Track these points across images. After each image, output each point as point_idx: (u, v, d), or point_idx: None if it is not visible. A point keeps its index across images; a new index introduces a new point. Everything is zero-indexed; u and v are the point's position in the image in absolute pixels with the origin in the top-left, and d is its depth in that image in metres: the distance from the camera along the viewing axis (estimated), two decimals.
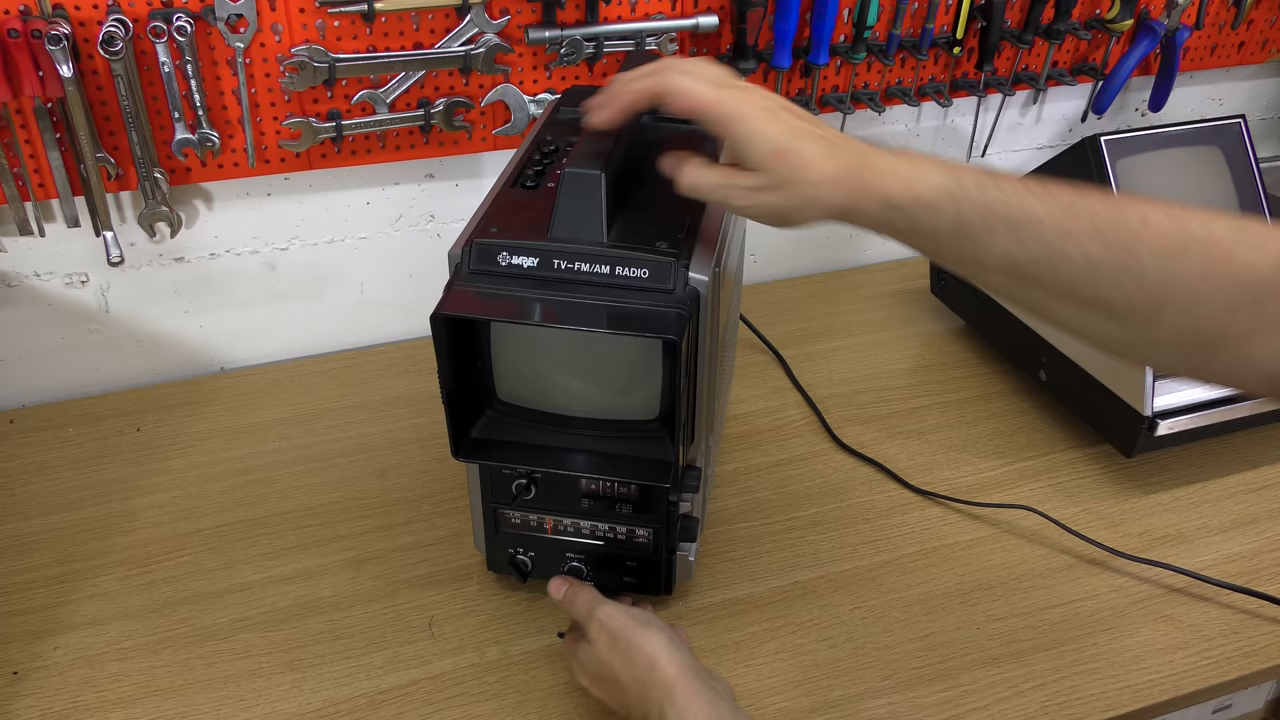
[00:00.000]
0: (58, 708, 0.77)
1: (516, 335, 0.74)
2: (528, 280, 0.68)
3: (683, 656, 0.69)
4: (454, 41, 1.01)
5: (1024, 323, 1.08)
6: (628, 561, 0.82)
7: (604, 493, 0.79)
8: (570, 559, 0.83)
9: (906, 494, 0.99)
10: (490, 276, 0.68)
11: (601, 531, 0.81)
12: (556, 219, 0.68)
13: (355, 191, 1.12)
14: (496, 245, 0.68)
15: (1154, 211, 0.57)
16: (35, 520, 0.94)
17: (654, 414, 0.75)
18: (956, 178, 0.60)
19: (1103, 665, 0.81)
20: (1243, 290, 0.55)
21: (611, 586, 0.82)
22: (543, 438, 0.76)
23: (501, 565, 0.85)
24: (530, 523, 0.82)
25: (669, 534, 0.80)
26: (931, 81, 1.24)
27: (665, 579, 0.83)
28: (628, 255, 0.67)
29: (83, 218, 1.00)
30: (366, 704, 0.78)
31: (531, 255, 0.68)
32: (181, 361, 1.15)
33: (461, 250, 0.69)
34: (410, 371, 1.15)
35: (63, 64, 0.87)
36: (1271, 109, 1.53)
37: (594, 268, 0.67)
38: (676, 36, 1.08)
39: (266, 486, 0.98)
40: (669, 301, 0.67)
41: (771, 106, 0.63)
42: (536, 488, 0.79)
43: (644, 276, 0.67)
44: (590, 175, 0.66)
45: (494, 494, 0.81)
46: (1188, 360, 0.58)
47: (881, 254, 1.41)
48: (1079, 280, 0.58)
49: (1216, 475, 1.01)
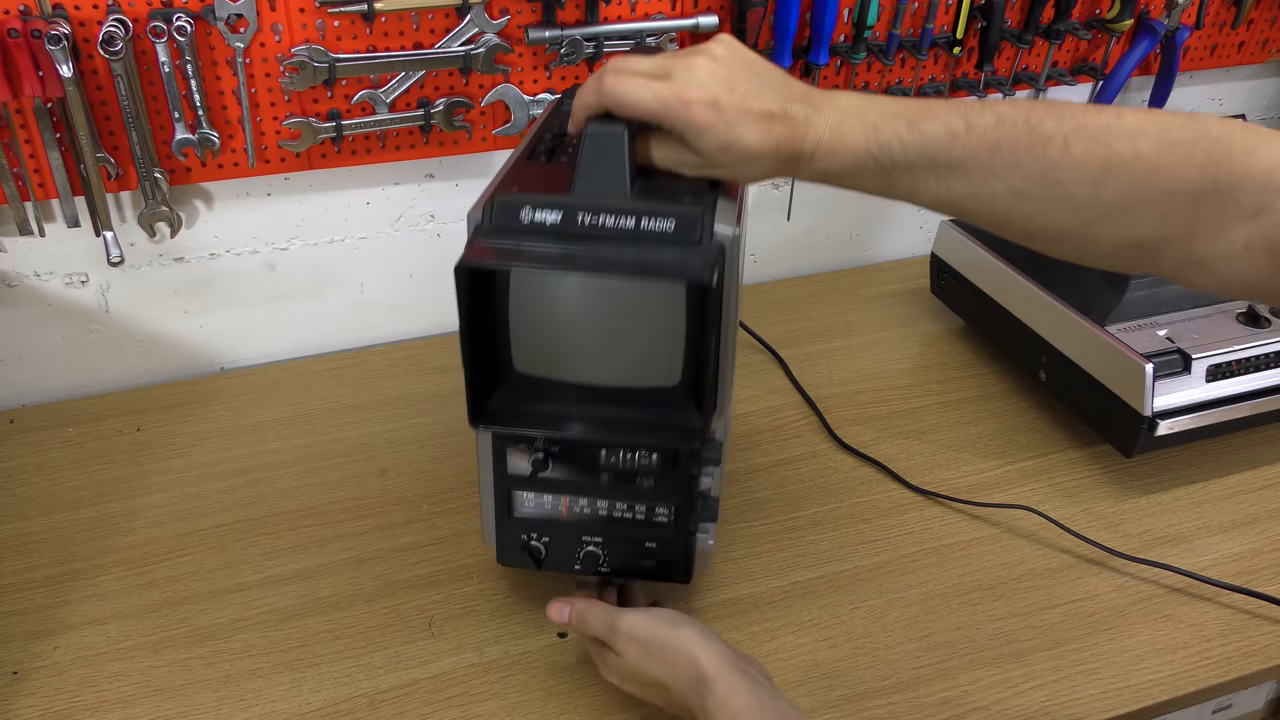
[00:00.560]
0: (58, 708, 0.77)
1: (536, 297, 0.72)
2: (551, 235, 0.66)
3: (717, 647, 0.69)
4: (454, 41, 1.01)
5: (1024, 323, 1.08)
6: (647, 543, 0.79)
7: (624, 466, 0.76)
8: (586, 543, 0.79)
9: (906, 494, 0.99)
10: (512, 233, 0.67)
11: (620, 511, 0.78)
12: (580, 175, 0.67)
13: (355, 191, 1.12)
14: (519, 201, 0.66)
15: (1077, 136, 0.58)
16: (35, 520, 0.94)
17: (675, 380, 0.73)
18: (877, 135, 0.62)
19: (1103, 665, 0.81)
20: (1174, 199, 0.56)
21: (629, 572, 0.79)
22: (561, 409, 0.74)
23: (513, 555, 0.81)
24: (545, 505, 0.79)
25: (690, 512, 0.77)
26: (931, 81, 1.24)
27: (685, 563, 0.79)
28: (653, 208, 0.66)
29: (83, 218, 1.00)
30: (366, 704, 0.78)
31: (555, 210, 0.66)
32: (181, 361, 1.15)
33: (482, 209, 0.67)
34: (410, 371, 1.15)
35: (63, 64, 0.87)
36: (1271, 109, 1.53)
37: (619, 221, 0.66)
38: (676, 36, 1.08)
39: (266, 486, 0.98)
40: (696, 253, 0.66)
41: (709, 93, 0.63)
42: (554, 462, 0.76)
43: (669, 229, 0.66)
44: (614, 132, 0.66)
45: (508, 473, 0.77)
46: (1132, 263, 0.60)
47: (881, 254, 1.41)
48: (1011, 213, 0.60)
49: (1216, 475, 1.01)
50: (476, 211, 0.68)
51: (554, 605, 0.77)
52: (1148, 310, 1.00)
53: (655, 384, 0.74)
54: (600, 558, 0.79)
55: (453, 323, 0.70)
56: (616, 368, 0.74)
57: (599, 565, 0.79)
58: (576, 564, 0.80)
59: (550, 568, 0.80)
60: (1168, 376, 0.95)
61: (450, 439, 1.05)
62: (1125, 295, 1.00)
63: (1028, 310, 1.08)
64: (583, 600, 0.77)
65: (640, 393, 0.74)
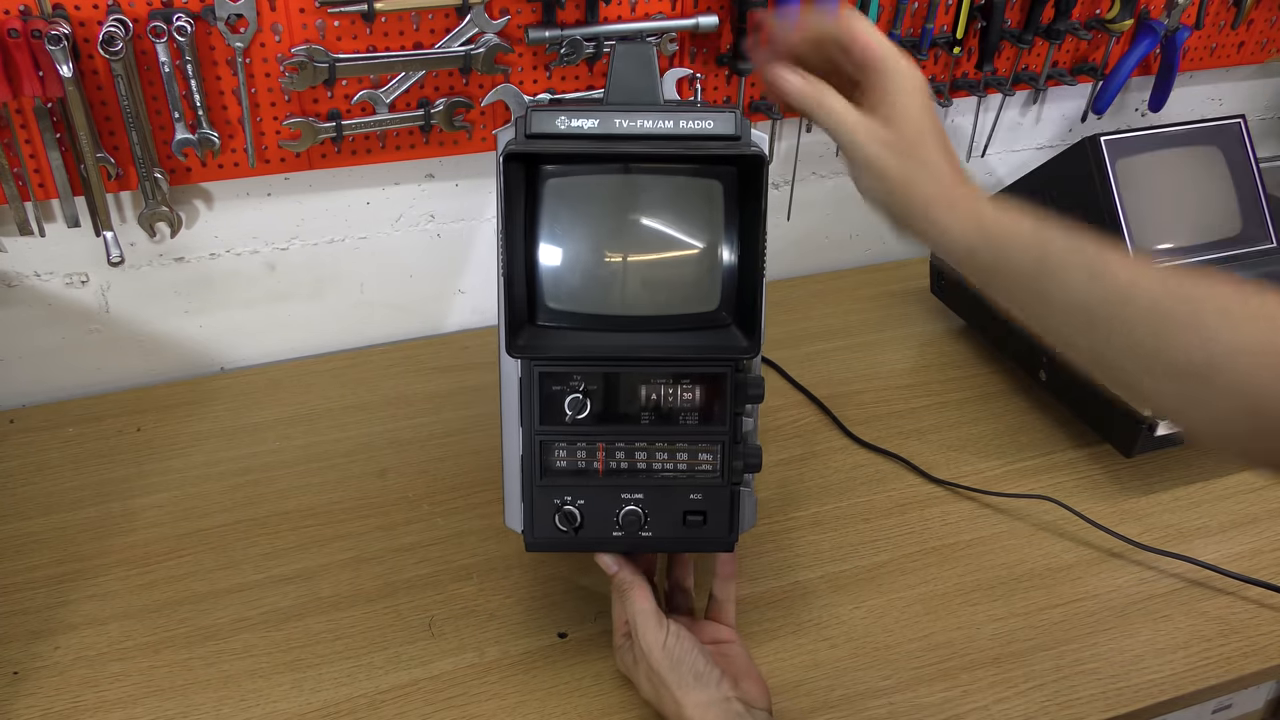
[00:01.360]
0: (58, 708, 0.77)
1: (572, 212, 0.70)
2: (589, 140, 0.66)
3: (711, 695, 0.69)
4: (454, 41, 1.01)
5: (1024, 323, 1.08)
6: (691, 495, 0.74)
7: (666, 402, 0.72)
8: (625, 501, 0.74)
9: (906, 494, 0.99)
10: (549, 139, 0.66)
11: (661, 461, 0.74)
12: (611, 87, 0.67)
13: (355, 191, 1.12)
14: (554, 112, 0.66)
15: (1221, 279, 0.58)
16: (35, 520, 0.94)
17: (714, 304, 0.71)
18: (1042, 220, 0.65)
19: (1102, 665, 0.81)
20: None
21: (671, 540, 0.76)
22: (598, 339, 0.71)
23: (546, 528, 0.75)
24: (579, 463, 0.73)
25: (735, 455, 0.73)
26: (931, 81, 1.24)
27: (731, 520, 0.75)
28: (690, 110, 0.66)
29: (83, 218, 1.00)
30: (366, 704, 0.78)
31: (591, 117, 0.66)
32: (181, 361, 1.15)
33: (515, 120, 0.66)
34: (410, 371, 1.15)
35: (63, 64, 0.87)
36: (1271, 109, 1.53)
37: (657, 123, 0.66)
38: (676, 36, 1.08)
39: (266, 486, 0.98)
40: (739, 146, 0.66)
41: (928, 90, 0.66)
42: (592, 403, 0.72)
43: (709, 127, 0.66)
44: (643, 46, 0.66)
45: (543, 418, 0.72)
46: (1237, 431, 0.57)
47: (881, 254, 1.41)
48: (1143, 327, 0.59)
49: (1216, 475, 1.01)
50: (505, 129, 0.67)
51: (606, 557, 0.75)
52: None
53: (694, 309, 0.72)
54: (642, 518, 0.74)
55: (452, 323, 0.69)
56: (653, 293, 0.72)
57: (640, 528, 0.74)
58: (616, 528, 0.74)
59: (588, 536, 0.75)
60: None
61: (450, 439, 1.05)
62: None
63: None
64: (633, 573, 0.75)
65: (680, 320, 0.72)
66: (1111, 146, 1.03)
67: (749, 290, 0.68)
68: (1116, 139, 1.03)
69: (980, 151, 1.37)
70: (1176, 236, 1.05)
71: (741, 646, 0.77)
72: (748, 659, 0.76)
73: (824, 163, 1.30)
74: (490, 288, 1.21)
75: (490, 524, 0.94)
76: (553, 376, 0.71)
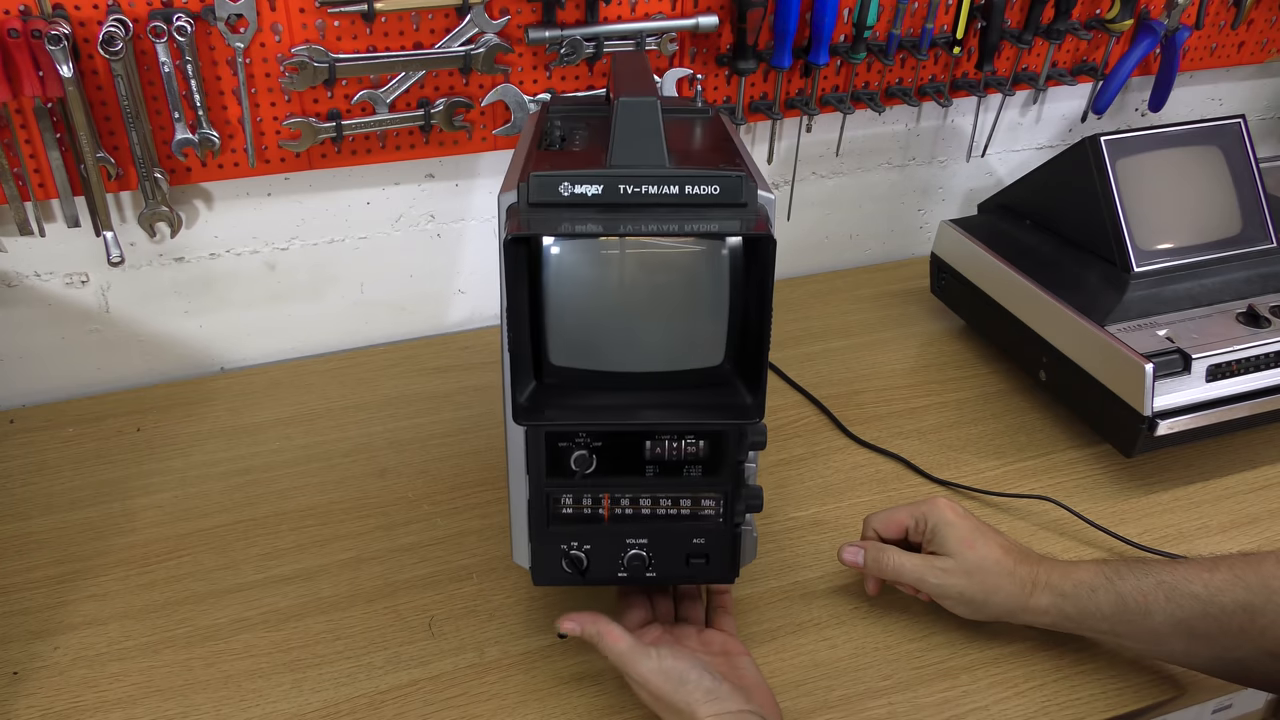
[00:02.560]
0: (58, 708, 0.77)
1: (577, 276, 0.69)
2: (593, 208, 0.65)
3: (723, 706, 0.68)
4: (454, 41, 1.01)
5: (1024, 323, 1.08)
6: (694, 539, 0.75)
7: (671, 455, 0.73)
8: (630, 546, 0.75)
9: (906, 494, 0.99)
10: (552, 208, 0.65)
11: (665, 507, 0.75)
12: (615, 147, 0.65)
13: (355, 191, 1.12)
14: (556, 177, 0.64)
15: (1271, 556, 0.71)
16: (35, 520, 0.94)
17: (718, 359, 0.71)
18: (1108, 563, 0.77)
19: (1103, 665, 0.81)
20: None
21: (675, 576, 0.77)
22: (603, 399, 0.71)
23: (553, 569, 0.76)
24: (585, 510, 0.75)
25: (738, 500, 0.74)
26: (931, 81, 1.24)
27: (732, 558, 0.77)
28: (695, 174, 0.65)
29: (83, 218, 1.00)
30: (366, 704, 0.78)
31: (595, 183, 0.64)
32: (181, 361, 1.15)
33: (518, 187, 0.65)
34: (410, 371, 1.15)
35: (63, 64, 0.87)
36: (1271, 109, 1.53)
37: (662, 189, 0.65)
38: (676, 36, 1.08)
39: (266, 486, 0.98)
40: (744, 213, 0.65)
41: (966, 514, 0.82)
42: (598, 458, 0.72)
43: (715, 193, 0.65)
44: (646, 102, 0.65)
45: (550, 473, 0.73)
46: None
47: (881, 254, 1.42)
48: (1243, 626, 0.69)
49: (1216, 475, 1.01)
50: (508, 194, 0.66)
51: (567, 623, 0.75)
52: (1148, 310, 1.00)
53: (699, 365, 0.72)
54: (646, 561, 0.76)
55: (452, 323, 0.69)
56: (659, 351, 0.72)
57: (645, 570, 0.76)
58: (622, 570, 0.76)
59: (594, 578, 0.77)
60: (1168, 376, 0.95)
61: (450, 439, 1.05)
62: (1125, 295, 1.00)
63: (1028, 310, 1.08)
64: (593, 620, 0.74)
65: (684, 376, 0.72)
66: (1111, 146, 1.03)
67: (757, 353, 0.69)
68: (1116, 139, 1.03)
69: (980, 151, 1.37)
70: (1176, 236, 1.05)
71: (750, 660, 0.77)
72: (757, 673, 0.76)
73: (824, 163, 1.30)
74: (490, 288, 1.21)
75: (490, 524, 0.94)
76: (559, 435, 0.72)
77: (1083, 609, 0.75)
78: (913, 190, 1.38)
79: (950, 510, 0.81)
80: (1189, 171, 1.07)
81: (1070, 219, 1.09)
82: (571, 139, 0.76)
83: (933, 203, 1.41)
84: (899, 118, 1.31)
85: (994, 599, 0.78)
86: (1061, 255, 1.08)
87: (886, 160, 1.34)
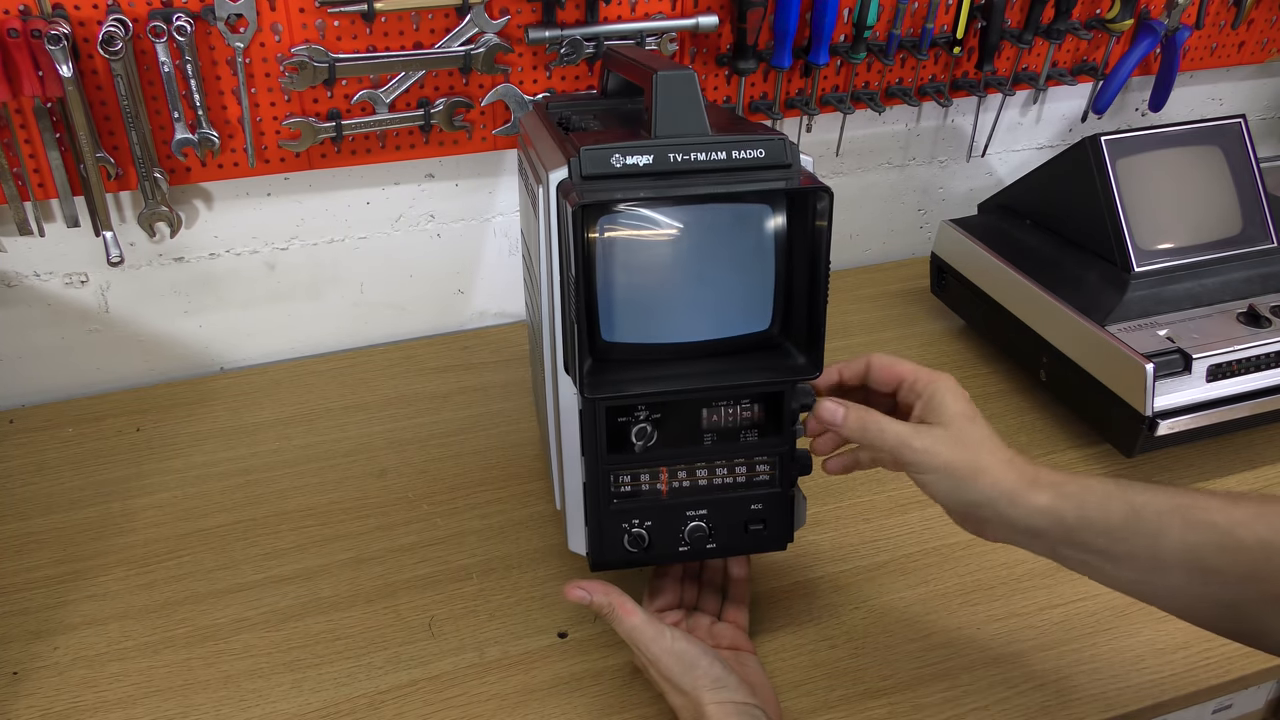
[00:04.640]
0: (58, 708, 0.77)
1: (629, 249, 0.70)
2: (645, 178, 0.66)
3: (725, 695, 0.68)
4: (454, 41, 1.01)
5: (1024, 323, 1.08)
6: (752, 506, 0.76)
7: (727, 422, 0.74)
8: (690, 518, 0.76)
9: (906, 494, 0.99)
10: (606, 179, 0.66)
11: (721, 476, 0.76)
12: (658, 120, 0.66)
13: (355, 191, 1.12)
14: (608, 150, 0.65)
15: None
16: (35, 520, 0.94)
17: (765, 323, 0.72)
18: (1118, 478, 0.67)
19: (1103, 665, 0.81)
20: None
21: (734, 545, 0.78)
22: (658, 370, 0.72)
23: (614, 550, 0.76)
24: (643, 486, 0.75)
25: (792, 460, 0.75)
26: (931, 81, 1.24)
27: (788, 521, 0.78)
28: (741, 139, 0.66)
29: (82, 218, 1.00)
30: (366, 704, 0.78)
31: (645, 153, 0.66)
32: (181, 361, 1.15)
33: (569, 162, 0.66)
34: (410, 371, 1.15)
35: (63, 64, 0.87)
36: (1271, 109, 1.53)
37: (710, 155, 0.66)
38: (676, 36, 1.08)
39: (266, 486, 0.98)
40: (790, 174, 0.66)
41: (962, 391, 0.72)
42: (658, 431, 0.73)
43: (760, 156, 0.66)
44: (684, 74, 0.66)
45: (609, 451, 0.73)
46: None
47: (881, 254, 1.42)
48: (1257, 565, 0.61)
49: (1216, 475, 1.01)
50: (557, 171, 0.67)
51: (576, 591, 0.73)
52: (1148, 310, 1.00)
53: (750, 330, 0.73)
54: (707, 532, 0.76)
55: (452, 323, 0.69)
56: (709, 318, 0.73)
57: (707, 542, 0.76)
58: (683, 544, 0.76)
59: (656, 555, 0.77)
60: (1168, 376, 0.95)
61: (450, 439, 1.05)
62: (1125, 295, 1.00)
63: (1028, 310, 1.08)
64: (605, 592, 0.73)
65: (734, 342, 0.73)
66: (1111, 146, 1.03)
67: (813, 310, 0.70)
68: (1116, 139, 1.03)
69: (980, 151, 1.37)
70: (1177, 236, 1.04)
71: (757, 660, 0.77)
72: (762, 673, 0.76)
73: (824, 163, 1.30)
74: (490, 287, 1.21)
75: (490, 524, 0.94)
76: (619, 410, 0.73)
77: (1086, 517, 0.65)
78: (913, 190, 1.38)
79: (957, 385, 0.72)
80: (1189, 171, 1.07)
81: (1070, 219, 1.09)
82: (587, 126, 0.77)
83: (933, 203, 1.41)
84: (899, 118, 1.31)
85: (981, 480, 0.67)
86: (1062, 255, 1.08)
87: (886, 160, 1.34)
